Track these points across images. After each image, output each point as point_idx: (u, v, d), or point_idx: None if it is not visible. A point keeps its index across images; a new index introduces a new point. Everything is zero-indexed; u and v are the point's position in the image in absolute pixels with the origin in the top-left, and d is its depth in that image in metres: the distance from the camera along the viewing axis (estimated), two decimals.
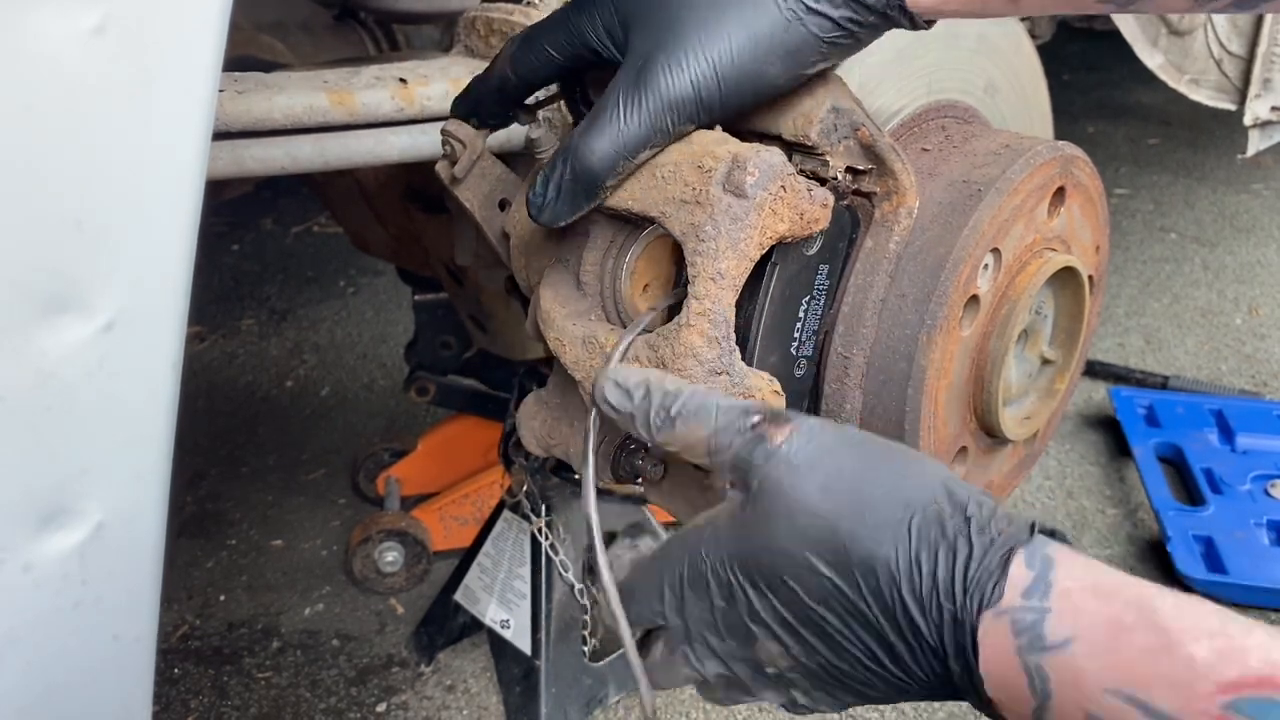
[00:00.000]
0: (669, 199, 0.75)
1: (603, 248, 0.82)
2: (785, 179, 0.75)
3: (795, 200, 0.76)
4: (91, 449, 0.46)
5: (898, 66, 0.94)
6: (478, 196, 0.93)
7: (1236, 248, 3.23)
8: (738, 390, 0.77)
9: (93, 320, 0.44)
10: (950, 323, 0.88)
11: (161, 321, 0.46)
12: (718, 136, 0.78)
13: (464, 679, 1.70)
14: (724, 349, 0.75)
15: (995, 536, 0.55)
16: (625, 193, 0.77)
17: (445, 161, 0.93)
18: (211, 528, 2.07)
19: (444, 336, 1.85)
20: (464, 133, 0.92)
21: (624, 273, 0.80)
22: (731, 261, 0.74)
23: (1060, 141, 0.97)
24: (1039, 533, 0.56)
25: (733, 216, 0.73)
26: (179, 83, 0.47)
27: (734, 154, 0.74)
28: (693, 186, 0.74)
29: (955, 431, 0.95)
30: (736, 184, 0.73)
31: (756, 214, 0.74)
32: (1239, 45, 1.84)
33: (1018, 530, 0.55)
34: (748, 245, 0.74)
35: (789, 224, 0.76)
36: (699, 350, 0.74)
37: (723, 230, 0.73)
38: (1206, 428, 2.24)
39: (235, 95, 0.95)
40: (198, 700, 1.66)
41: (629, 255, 0.80)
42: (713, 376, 0.75)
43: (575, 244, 0.83)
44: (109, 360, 0.45)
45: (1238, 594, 1.82)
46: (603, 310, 0.82)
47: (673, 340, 0.75)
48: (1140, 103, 4.40)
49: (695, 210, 0.74)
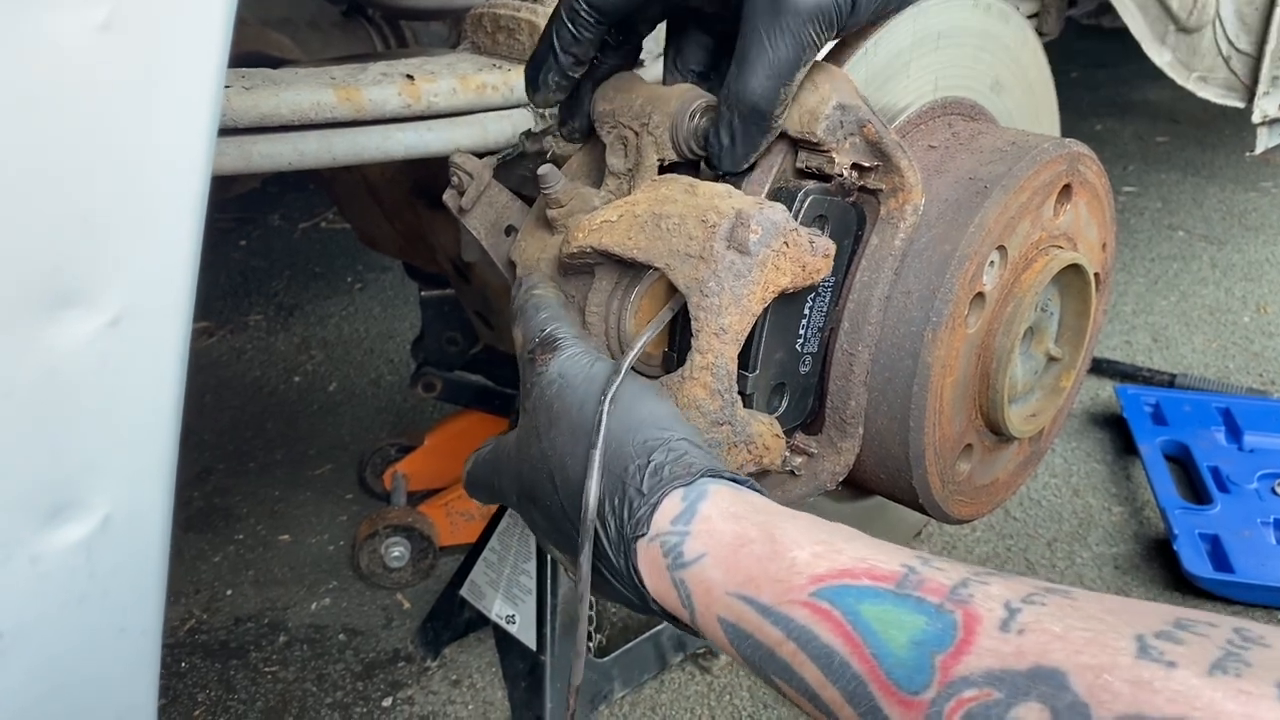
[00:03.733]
0: (674, 251, 0.76)
1: (607, 290, 0.83)
2: (788, 234, 0.76)
3: (798, 254, 0.77)
4: (98, 443, 0.47)
5: (904, 63, 0.94)
6: (485, 225, 0.94)
7: (1245, 246, 3.22)
8: (739, 439, 0.78)
9: (99, 316, 0.44)
10: (956, 320, 0.88)
11: (167, 317, 0.46)
12: (722, 190, 0.79)
13: (469, 674, 1.70)
14: (726, 401, 0.77)
15: (664, 478, 0.65)
16: (630, 240, 0.78)
17: (453, 192, 0.94)
18: (219, 522, 2.08)
19: (450, 332, 1.86)
20: (471, 164, 0.93)
21: (628, 313, 0.81)
22: (734, 317, 0.75)
23: (1067, 139, 0.97)
24: (723, 478, 0.66)
25: (736, 273, 0.74)
26: (185, 79, 0.47)
27: (737, 210, 0.75)
28: (697, 240, 0.75)
29: (960, 428, 0.95)
30: (740, 241, 0.74)
31: (759, 270, 0.75)
32: (1247, 42, 1.83)
33: (685, 473, 0.65)
34: (750, 301, 0.75)
35: (791, 277, 0.77)
36: (702, 403, 0.76)
37: (726, 286, 0.74)
38: (1214, 426, 2.23)
39: (242, 91, 0.95)
40: (204, 694, 1.67)
41: (633, 295, 0.81)
42: (715, 428, 0.77)
43: (580, 282, 0.84)
44: (115, 356, 0.45)
45: (1244, 593, 1.81)
46: (608, 349, 0.83)
47: (676, 392, 0.76)
48: (1149, 100, 4.38)
49: (699, 265, 0.75)
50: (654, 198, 0.79)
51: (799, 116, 0.81)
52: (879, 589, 0.54)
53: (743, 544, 0.60)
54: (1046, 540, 2.00)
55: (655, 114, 0.84)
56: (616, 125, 0.87)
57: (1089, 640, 0.46)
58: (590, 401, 0.69)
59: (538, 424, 0.73)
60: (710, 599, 0.61)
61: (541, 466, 0.72)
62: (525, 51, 1.15)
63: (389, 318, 2.90)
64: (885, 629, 0.52)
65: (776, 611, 0.56)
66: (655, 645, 1.66)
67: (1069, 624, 0.47)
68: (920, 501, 0.96)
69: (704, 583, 0.61)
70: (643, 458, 0.66)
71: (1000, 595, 0.51)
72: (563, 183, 0.85)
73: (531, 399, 0.74)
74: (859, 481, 0.99)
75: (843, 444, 0.91)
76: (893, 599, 0.53)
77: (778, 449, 0.83)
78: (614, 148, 0.87)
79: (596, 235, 0.79)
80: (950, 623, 0.50)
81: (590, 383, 0.71)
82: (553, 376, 0.72)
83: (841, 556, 0.57)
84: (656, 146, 0.84)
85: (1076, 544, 1.99)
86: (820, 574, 0.56)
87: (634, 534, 0.65)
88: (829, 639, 0.53)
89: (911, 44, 0.94)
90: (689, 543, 0.62)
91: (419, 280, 1.85)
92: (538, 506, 0.73)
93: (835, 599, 0.54)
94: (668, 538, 0.63)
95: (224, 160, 0.95)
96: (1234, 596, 1.82)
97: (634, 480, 0.65)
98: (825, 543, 0.58)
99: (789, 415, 0.89)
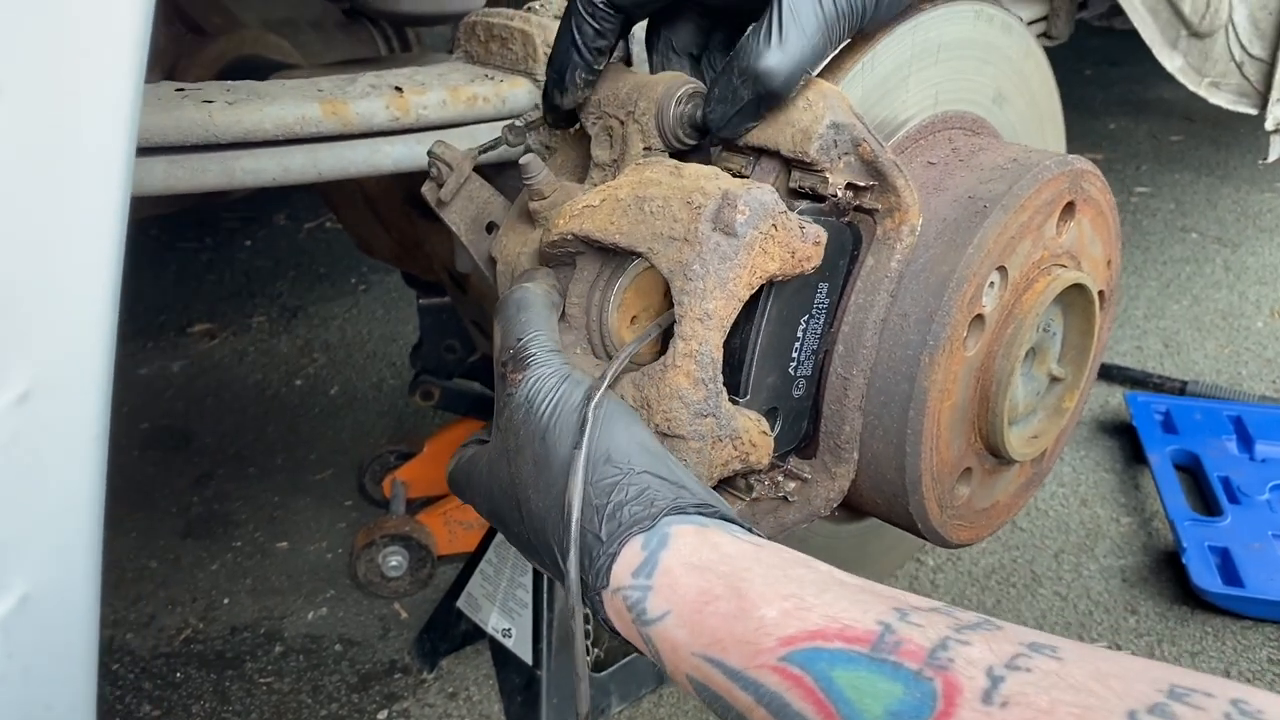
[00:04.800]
0: (657, 234, 0.73)
1: (589, 280, 0.79)
2: (777, 217, 0.73)
3: (787, 239, 0.73)
4: (11, 523, 0.45)
5: (904, 77, 0.92)
6: (465, 220, 0.92)
7: (1259, 249, 3.18)
8: (724, 434, 0.75)
9: (7, 392, 0.42)
10: (953, 343, 0.86)
11: (81, 390, 0.44)
12: (709, 171, 0.76)
13: (466, 686, 1.69)
14: (710, 390, 0.73)
15: (622, 523, 0.62)
16: (613, 225, 0.75)
17: (432, 184, 0.91)
18: (217, 529, 2.06)
19: (448, 341, 1.84)
20: (450, 154, 0.90)
21: (610, 305, 0.78)
22: (720, 301, 0.72)
23: (1070, 155, 0.94)
24: (687, 513, 0.63)
25: (722, 255, 0.71)
26: (90, 142, 0.44)
27: (724, 190, 0.72)
28: (681, 223, 0.72)
29: (959, 453, 0.93)
30: (726, 222, 0.71)
31: (746, 253, 0.72)
32: (1261, 48, 1.79)
33: (646, 514, 0.62)
34: (736, 285, 0.72)
35: (780, 263, 0.74)
36: (684, 392, 0.72)
37: (711, 269, 0.71)
38: (1225, 435, 2.19)
39: (226, 106, 0.93)
40: (199, 705, 1.66)
41: (615, 287, 0.78)
42: (698, 419, 0.73)
43: (562, 274, 0.81)
44: (25, 433, 0.43)
45: (1254, 608, 1.78)
46: (589, 343, 0.80)
47: (658, 381, 0.73)
48: (1163, 99, 4.33)
49: (683, 248, 0.72)
50: (637, 180, 0.77)
51: (791, 136, 0.79)
52: (852, 653, 0.51)
53: (707, 601, 0.57)
54: (1053, 552, 1.97)
55: (641, 101, 0.82)
56: (602, 115, 0.84)
57: (1077, 718, 0.43)
58: (556, 431, 0.66)
59: (507, 446, 0.70)
60: (677, 658, 0.58)
61: (509, 493, 0.69)
62: (519, 61, 1.13)
63: (392, 320, 2.88)
64: (860, 698, 0.49)
65: (745, 676, 0.54)
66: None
67: (1055, 696, 0.44)
68: (918, 527, 0.94)
69: (669, 641, 0.58)
70: (601, 498, 0.63)
71: (982, 659, 0.48)
72: (545, 173, 0.82)
73: (503, 418, 0.72)
74: (855, 505, 0.96)
75: (837, 469, 0.89)
76: (867, 664, 0.50)
77: (765, 447, 0.79)
78: (599, 138, 0.85)
79: (577, 221, 0.76)
80: (929, 691, 0.47)
81: (556, 410, 0.67)
82: (520, 401, 0.70)
83: (812, 615, 0.54)
84: (642, 135, 0.82)
85: (1084, 556, 1.96)
86: (790, 635, 0.53)
87: (595, 585, 0.62)
88: (801, 707, 0.51)
89: (912, 56, 0.92)
90: (651, 599, 0.60)
91: (417, 288, 1.84)
92: (507, 529, 0.72)
93: (807, 664, 0.51)
94: (629, 592, 0.61)
95: (207, 177, 0.93)
96: (1243, 611, 1.79)
97: (591, 525, 0.63)
98: (795, 597, 0.55)
99: (782, 440, 0.86)
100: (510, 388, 0.71)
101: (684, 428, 0.73)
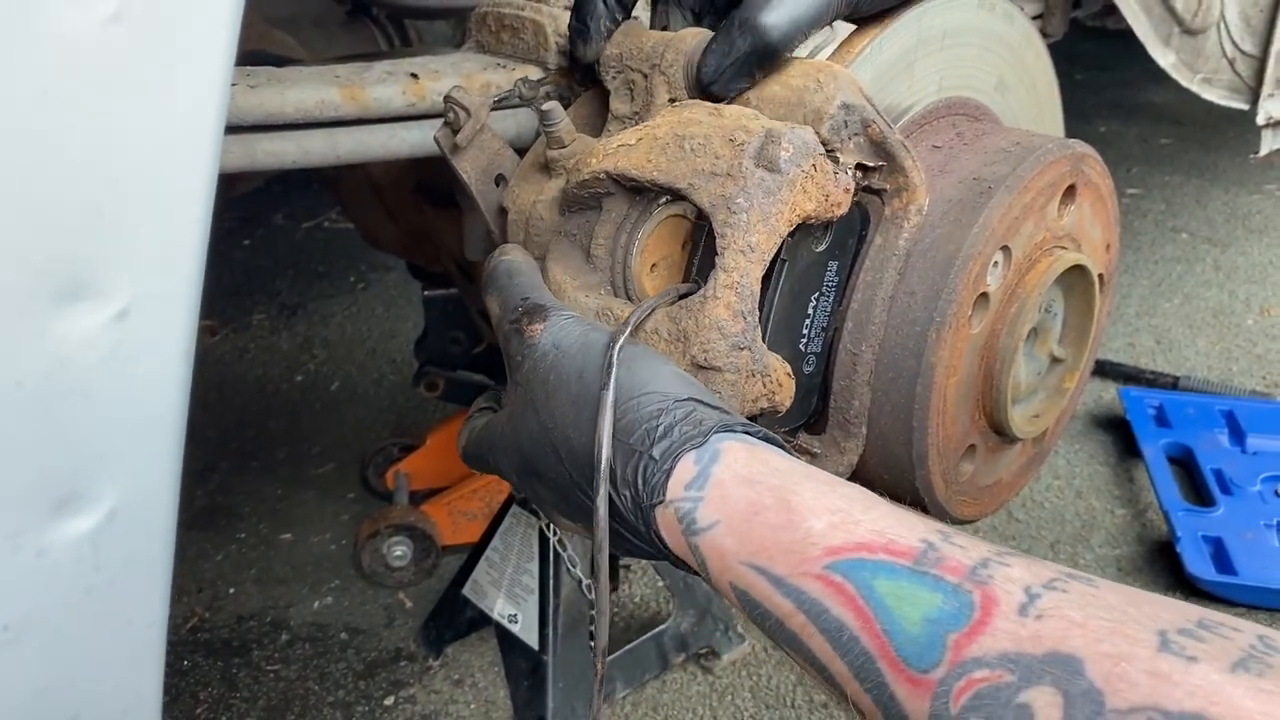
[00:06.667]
0: (697, 171, 0.74)
1: (616, 222, 0.81)
2: (816, 158, 0.75)
3: (823, 180, 0.76)
4: (105, 435, 0.47)
5: (909, 63, 0.94)
6: (476, 169, 0.93)
7: (1249, 248, 3.22)
8: (757, 369, 0.76)
9: (108, 307, 0.44)
10: (959, 320, 0.88)
11: (175, 309, 0.46)
12: (749, 112, 0.78)
13: (471, 673, 1.70)
14: (749, 324, 0.74)
15: (675, 441, 0.63)
16: (650, 163, 0.76)
17: (447, 129, 0.92)
18: (221, 521, 2.08)
19: (453, 332, 1.85)
20: (469, 100, 0.91)
21: (635, 249, 0.79)
22: (763, 235, 0.73)
23: (1071, 139, 0.97)
24: (736, 431, 0.65)
25: (766, 190, 0.73)
26: (194, 70, 0.47)
27: (768, 129, 0.74)
28: (724, 159, 0.74)
29: (964, 429, 0.95)
30: (770, 158, 0.73)
31: (789, 189, 0.73)
32: (1252, 44, 1.83)
33: (696, 432, 0.64)
34: (778, 221, 0.74)
35: (815, 204, 0.76)
36: (724, 324, 0.73)
37: (755, 203, 0.73)
38: (1217, 428, 2.23)
39: (247, 89, 0.95)
40: (207, 692, 1.67)
41: (641, 232, 0.79)
42: (735, 351, 0.74)
43: (584, 219, 0.83)
44: (123, 347, 0.45)
45: (1248, 595, 1.81)
46: (611, 286, 0.81)
47: (697, 313, 0.74)
48: (1152, 102, 4.38)
49: (726, 183, 0.73)
50: (676, 120, 0.78)
51: (803, 116, 0.81)
52: (895, 564, 0.52)
53: (756, 511, 0.59)
54: (1049, 542, 2.00)
55: (669, 53, 0.83)
56: (624, 69, 0.86)
57: (1110, 630, 0.45)
58: (590, 370, 0.67)
59: (534, 397, 0.70)
60: (724, 565, 0.59)
61: (543, 440, 0.70)
62: (530, 50, 1.15)
63: (392, 317, 2.90)
64: (899, 605, 0.51)
65: (789, 583, 0.55)
66: (657, 645, 1.66)
67: (1090, 612, 0.46)
68: (924, 502, 0.96)
69: (717, 550, 0.60)
70: (651, 421, 0.64)
71: (1021, 579, 0.50)
72: (565, 122, 0.84)
73: (524, 372, 0.72)
74: (862, 481, 0.98)
75: (846, 444, 0.91)
76: (909, 575, 0.52)
77: (789, 388, 0.80)
78: (619, 92, 0.87)
79: (613, 159, 0.77)
80: (967, 602, 0.49)
81: (587, 350, 0.68)
82: (546, 348, 0.70)
83: (859, 528, 0.55)
84: (669, 86, 0.83)
85: (1079, 546, 1.99)
86: (836, 545, 0.55)
87: (651, 502, 0.63)
88: (840, 613, 0.52)
89: (916, 43, 0.94)
90: (702, 509, 0.61)
91: (422, 279, 1.85)
92: (543, 481, 0.72)
93: (850, 573, 0.53)
94: (682, 504, 0.62)
95: (229, 158, 0.95)
96: (1237, 599, 1.82)
97: (645, 446, 0.64)
98: (842, 511, 0.57)
99: (792, 415, 0.88)
100: (530, 338, 0.71)
101: (721, 359, 0.73)
